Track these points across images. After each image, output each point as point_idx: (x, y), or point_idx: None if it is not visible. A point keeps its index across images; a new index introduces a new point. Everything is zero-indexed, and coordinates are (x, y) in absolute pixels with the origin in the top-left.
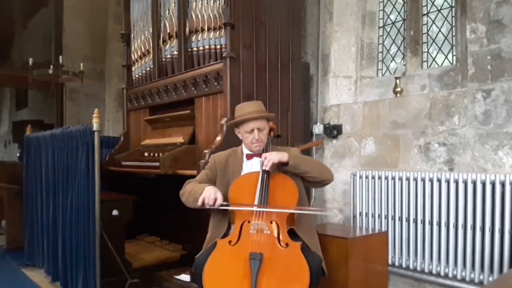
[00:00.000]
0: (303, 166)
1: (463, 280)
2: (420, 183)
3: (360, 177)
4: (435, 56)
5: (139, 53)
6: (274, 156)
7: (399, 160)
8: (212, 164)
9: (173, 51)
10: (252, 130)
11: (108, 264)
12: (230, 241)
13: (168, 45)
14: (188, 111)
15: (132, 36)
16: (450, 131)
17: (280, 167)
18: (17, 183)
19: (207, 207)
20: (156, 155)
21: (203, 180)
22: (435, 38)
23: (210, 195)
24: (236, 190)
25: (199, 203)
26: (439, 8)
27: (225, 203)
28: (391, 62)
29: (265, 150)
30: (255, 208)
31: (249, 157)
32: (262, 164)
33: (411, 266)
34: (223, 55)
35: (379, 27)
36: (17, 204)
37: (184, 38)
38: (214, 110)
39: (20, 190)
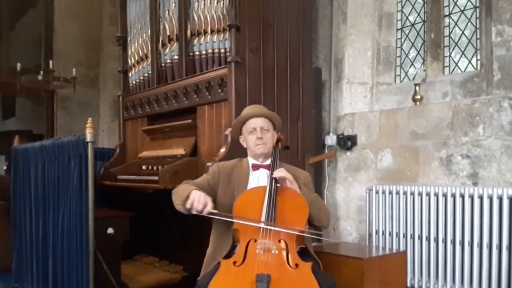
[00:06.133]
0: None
1: None
2: (441, 199)
3: (377, 192)
4: (458, 61)
5: (136, 58)
6: (289, 179)
7: (418, 173)
8: (215, 171)
9: (173, 56)
10: (255, 129)
11: (103, 287)
12: (234, 262)
13: (168, 49)
14: (190, 121)
15: (129, 39)
16: (474, 142)
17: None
18: (4, 199)
19: (194, 212)
20: (155, 168)
21: (203, 184)
22: (457, 41)
23: (200, 199)
24: (241, 205)
25: (188, 206)
26: (462, 9)
27: (215, 211)
28: (410, 67)
29: (273, 161)
30: (260, 225)
31: (255, 167)
32: (271, 173)
33: None
34: (228, 59)
35: (397, 29)
36: (4, 221)
37: (185, 42)
38: (217, 119)
39: (7, 206)
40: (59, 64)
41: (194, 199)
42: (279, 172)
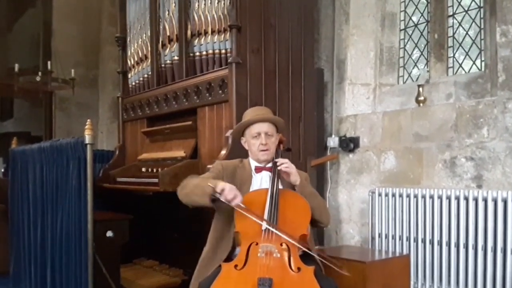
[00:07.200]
0: (307, 200)
1: None
2: (445, 202)
3: (379, 194)
4: (462, 62)
5: (136, 59)
6: (294, 169)
7: (422, 176)
8: (219, 169)
9: (174, 56)
10: (259, 134)
11: None
12: (236, 265)
13: (168, 49)
14: (190, 122)
15: (128, 39)
16: (479, 144)
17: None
18: (2, 201)
19: (222, 199)
20: (154, 170)
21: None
22: (461, 42)
23: (231, 190)
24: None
25: (218, 189)
26: (466, 9)
27: (243, 206)
28: (413, 68)
29: (274, 164)
30: (270, 228)
31: (258, 170)
32: (273, 175)
33: None
34: (229, 60)
35: (400, 30)
36: (1, 224)
37: (185, 42)
38: (218, 121)
39: (5, 208)
40: (58, 65)
41: (226, 187)
42: (282, 159)
